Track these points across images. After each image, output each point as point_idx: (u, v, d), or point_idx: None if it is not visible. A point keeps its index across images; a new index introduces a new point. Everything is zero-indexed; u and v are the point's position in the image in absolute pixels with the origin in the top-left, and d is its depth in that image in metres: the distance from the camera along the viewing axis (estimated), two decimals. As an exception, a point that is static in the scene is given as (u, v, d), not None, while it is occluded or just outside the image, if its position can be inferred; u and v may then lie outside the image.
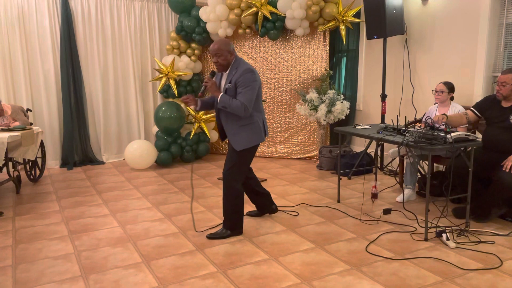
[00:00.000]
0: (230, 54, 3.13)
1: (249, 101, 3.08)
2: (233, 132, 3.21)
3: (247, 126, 3.19)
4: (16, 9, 5.32)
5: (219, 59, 3.11)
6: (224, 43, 3.12)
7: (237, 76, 3.09)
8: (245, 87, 3.06)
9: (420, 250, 3.08)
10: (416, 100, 5.09)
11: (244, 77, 3.07)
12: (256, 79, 3.12)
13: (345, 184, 4.79)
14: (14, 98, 5.46)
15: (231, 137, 3.23)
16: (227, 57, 3.13)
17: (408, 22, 5.06)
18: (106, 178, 5.22)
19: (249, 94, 3.07)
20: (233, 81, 3.10)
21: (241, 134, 3.19)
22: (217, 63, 3.13)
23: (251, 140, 3.21)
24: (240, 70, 3.10)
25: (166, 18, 6.23)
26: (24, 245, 3.24)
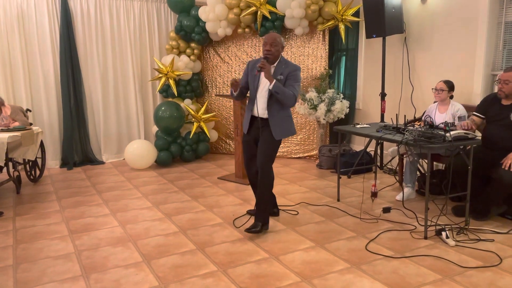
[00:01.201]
0: (282, 48, 3.36)
1: (298, 93, 3.32)
2: (277, 122, 3.35)
3: (289, 118, 3.43)
4: (16, 10, 5.33)
5: (273, 48, 3.28)
6: (280, 37, 3.34)
7: (289, 70, 3.30)
8: (296, 81, 3.32)
9: (419, 248, 3.08)
10: (415, 98, 5.10)
11: (296, 74, 3.32)
12: (300, 76, 3.40)
13: (345, 183, 4.80)
14: (13, 98, 5.46)
15: (274, 126, 3.34)
16: (279, 49, 3.32)
17: (407, 21, 5.06)
18: (106, 178, 5.22)
19: (298, 89, 3.33)
20: (284, 74, 3.29)
21: (284, 124, 3.38)
22: (270, 52, 3.27)
23: (290, 130, 3.44)
24: (292, 66, 3.33)
25: (166, 18, 6.24)
26: (25, 245, 3.25)
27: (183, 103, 5.94)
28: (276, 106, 3.32)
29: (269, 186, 3.41)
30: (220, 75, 6.34)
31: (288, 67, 3.33)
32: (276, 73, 3.31)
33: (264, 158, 3.36)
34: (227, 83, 6.32)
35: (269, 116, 3.36)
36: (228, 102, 6.32)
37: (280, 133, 3.37)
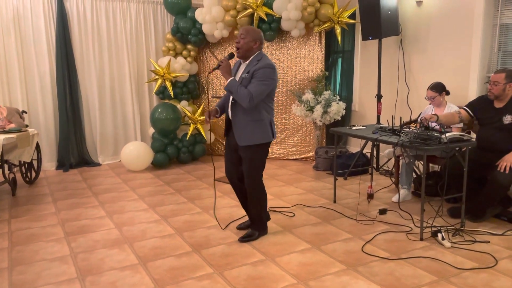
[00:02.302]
0: (254, 42, 3.03)
1: (258, 93, 2.96)
2: (240, 126, 3.10)
3: (255, 123, 3.08)
4: (11, 11, 5.31)
5: (242, 40, 3.01)
6: (254, 30, 3.07)
7: (256, 68, 2.99)
8: (260, 80, 2.97)
9: (415, 250, 3.09)
10: (411, 100, 5.12)
11: (264, 71, 2.98)
12: (274, 78, 3.04)
13: (341, 184, 4.81)
14: (9, 100, 5.44)
15: (237, 131, 3.12)
16: (250, 43, 3.02)
17: (403, 23, 5.08)
18: (103, 179, 5.21)
19: (261, 87, 2.97)
20: (251, 71, 3.00)
21: (247, 129, 3.09)
22: (238, 44, 3.03)
23: (257, 137, 3.10)
24: (262, 63, 3.00)
25: (162, 20, 6.23)
26: (20, 247, 3.23)
27: (179, 105, 5.93)
28: (241, 108, 3.06)
29: (260, 202, 3.32)
30: (216, 77, 6.34)
31: (259, 64, 3.00)
32: (244, 71, 3.06)
33: (249, 180, 3.20)
34: (223, 85, 6.31)
35: (232, 119, 3.15)
36: (225, 104, 6.31)
37: (244, 139, 3.10)
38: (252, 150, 3.13)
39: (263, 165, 3.27)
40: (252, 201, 3.30)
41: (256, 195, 3.28)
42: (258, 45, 3.06)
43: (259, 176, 3.25)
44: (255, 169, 3.20)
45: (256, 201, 3.30)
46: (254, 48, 3.05)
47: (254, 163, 3.19)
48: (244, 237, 3.29)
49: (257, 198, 3.30)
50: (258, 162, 3.21)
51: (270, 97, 3.14)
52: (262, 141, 3.13)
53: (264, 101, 3.09)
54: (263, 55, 3.10)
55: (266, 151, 3.24)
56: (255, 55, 3.07)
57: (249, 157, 3.15)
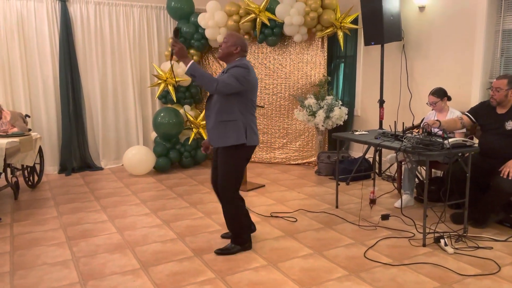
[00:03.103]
0: (236, 47, 2.98)
1: (225, 83, 2.83)
2: (212, 126, 3.01)
3: (227, 123, 2.96)
4: (15, 15, 5.34)
5: (224, 44, 3.00)
6: (238, 36, 3.04)
7: (231, 67, 2.95)
8: (232, 74, 2.87)
9: (418, 256, 3.08)
10: (413, 105, 5.11)
11: (237, 69, 2.90)
12: (246, 78, 2.91)
13: (344, 189, 4.80)
14: (12, 104, 5.46)
15: (209, 132, 3.06)
16: (231, 48, 2.98)
17: (405, 28, 5.09)
18: (105, 184, 5.21)
19: (230, 80, 2.85)
20: (225, 70, 2.97)
21: (219, 129, 2.98)
22: (220, 47, 3.04)
23: (229, 138, 2.96)
24: (237, 63, 2.95)
25: (165, 24, 6.26)
26: (22, 251, 3.23)
27: (182, 109, 5.94)
28: (214, 108, 2.98)
29: (235, 219, 3.14)
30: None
31: (234, 64, 2.96)
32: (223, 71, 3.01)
33: (222, 184, 3.06)
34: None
35: (206, 120, 3.07)
36: (227, 109, 6.32)
37: (215, 139, 3.02)
38: (225, 153, 3.02)
39: (238, 175, 3.07)
40: (226, 216, 3.16)
41: (229, 210, 3.12)
42: (239, 50, 3.01)
43: (232, 188, 3.07)
44: (227, 177, 3.03)
45: (231, 218, 3.14)
46: (234, 53, 3.00)
47: (227, 170, 3.02)
48: (222, 249, 3.16)
49: (231, 214, 3.13)
50: (232, 169, 3.03)
51: (247, 100, 3.00)
52: (234, 142, 2.96)
53: (237, 103, 2.96)
54: (245, 60, 3.02)
55: (242, 158, 3.06)
56: (235, 60, 3.01)
57: (221, 161, 3.04)
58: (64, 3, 5.54)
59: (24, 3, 5.38)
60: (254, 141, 3.07)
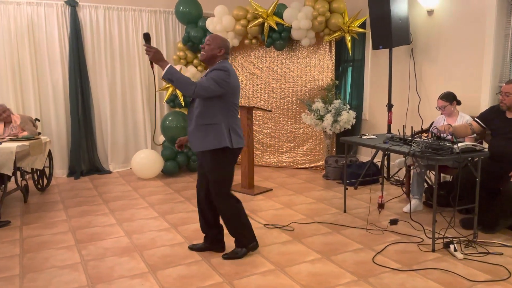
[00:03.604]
0: (219, 50, 2.96)
1: (204, 86, 2.79)
2: (193, 131, 2.97)
3: (209, 127, 2.91)
4: (26, 20, 5.41)
5: (207, 46, 2.96)
6: (221, 38, 3.01)
7: (210, 70, 2.92)
8: (211, 78, 2.83)
9: (427, 261, 3.05)
10: (422, 110, 5.09)
11: (216, 72, 2.86)
12: (226, 80, 2.86)
13: (352, 194, 4.78)
14: (22, 108, 5.52)
15: (190, 136, 3.01)
16: (214, 50, 2.95)
17: (413, 32, 5.07)
18: (113, 187, 5.24)
19: (209, 83, 2.81)
20: (206, 73, 2.93)
21: (199, 133, 2.93)
22: (203, 49, 2.99)
23: (209, 142, 2.91)
24: (218, 66, 2.91)
25: (173, 29, 6.30)
26: (31, 254, 3.26)
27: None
28: (195, 111, 2.95)
29: (234, 219, 3.10)
30: (227, 86, 6.36)
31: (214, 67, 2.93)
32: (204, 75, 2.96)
33: (214, 190, 3.01)
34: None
35: (188, 125, 3.04)
36: (235, 112, 6.33)
37: (195, 144, 2.97)
38: (210, 158, 2.96)
39: (228, 176, 3.03)
40: (224, 219, 3.11)
41: (226, 212, 3.08)
42: (222, 53, 2.98)
43: (224, 190, 3.03)
44: (217, 182, 2.99)
45: (228, 219, 3.10)
46: (218, 55, 2.98)
47: (215, 175, 2.98)
48: (229, 254, 3.14)
49: (229, 215, 3.09)
50: (221, 173, 2.99)
51: (229, 103, 2.96)
52: (216, 146, 2.91)
53: (219, 106, 2.92)
54: (226, 63, 2.98)
55: (228, 160, 3.01)
56: (218, 62, 2.98)
57: (209, 167, 3.00)
58: (74, 8, 5.60)
59: (34, 8, 5.45)
60: (239, 143, 3.02)
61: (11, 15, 5.33)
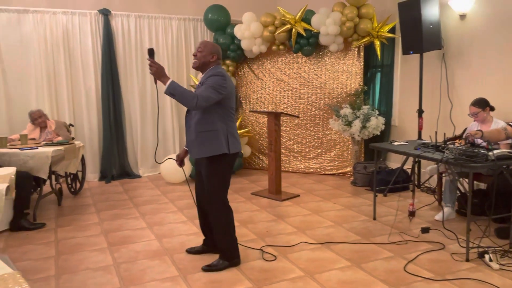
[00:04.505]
0: (212, 56, 2.97)
1: (205, 96, 2.79)
2: (190, 138, 2.99)
3: (207, 133, 2.92)
4: (61, 29, 5.60)
5: (199, 53, 2.97)
6: (212, 44, 3.03)
7: (206, 77, 2.93)
8: (209, 85, 2.84)
9: (461, 271, 2.98)
10: (454, 116, 4.97)
11: (213, 78, 2.87)
12: (224, 85, 2.88)
13: (381, 201, 4.71)
14: (57, 113, 5.71)
15: (189, 144, 3.03)
16: (207, 56, 2.96)
17: (445, 37, 4.98)
18: (143, 191, 5.34)
19: (208, 91, 2.81)
20: (202, 81, 2.95)
21: (198, 140, 2.94)
22: (195, 57, 3.00)
23: (208, 149, 2.92)
24: (213, 71, 2.93)
25: (202, 36, 6.40)
26: (66, 256, 3.35)
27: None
28: (194, 118, 2.96)
29: (224, 229, 3.05)
30: (254, 91, 6.41)
31: (209, 73, 2.94)
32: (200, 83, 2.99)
33: (210, 196, 3.00)
34: (260, 99, 6.39)
35: (186, 132, 3.05)
36: (262, 118, 6.37)
37: (195, 151, 2.97)
38: (209, 165, 2.97)
39: (225, 183, 3.03)
40: (215, 227, 3.07)
41: (218, 220, 3.04)
42: (215, 59, 3.00)
43: (220, 197, 3.03)
44: (214, 188, 2.99)
45: (220, 227, 3.05)
46: (211, 61, 2.99)
47: (213, 181, 2.98)
48: (209, 266, 3.06)
49: (223, 224, 3.05)
50: (217, 179, 2.99)
51: (226, 107, 2.97)
52: (214, 153, 2.92)
53: (217, 112, 2.93)
54: (220, 68, 3.01)
55: (225, 166, 3.01)
56: (211, 68, 2.99)
57: (206, 173, 3.00)
58: (107, 16, 5.76)
59: (69, 17, 5.64)
60: (237, 148, 3.02)
61: (47, 24, 5.53)
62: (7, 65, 5.42)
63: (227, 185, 3.06)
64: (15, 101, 5.49)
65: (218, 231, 3.07)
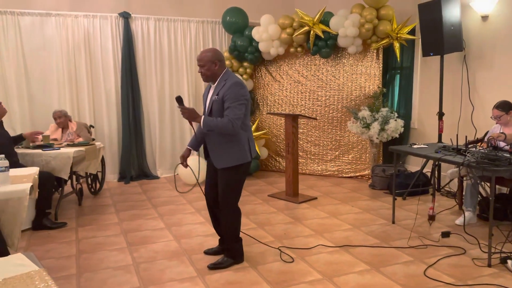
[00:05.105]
0: (215, 64, 2.96)
1: (238, 116, 2.86)
2: (215, 149, 3.02)
3: (231, 144, 2.97)
4: (83, 32, 5.71)
5: (203, 69, 2.97)
6: (206, 53, 2.98)
7: (225, 89, 2.91)
8: (234, 101, 2.87)
9: (483, 277, 2.92)
10: (476, 118, 4.89)
11: (233, 91, 2.88)
12: (245, 94, 2.93)
13: (400, 204, 4.65)
14: (78, 114, 5.81)
15: (213, 154, 3.04)
16: (211, 67, 2.96)
17: (466, 38, 4.90)
18: (161, 192, 5.39)
19: (238, 109, 2.87)
20: (220, 94, 2.92)
21: (223, 150, 2.99)
22: (201, 73, 3.01)
23: (233, 159, 2.98)
24: (229, 83, 2.92)
25: (220, 38, 6.44)
26: (86, 255, 3.41)
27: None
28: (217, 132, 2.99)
29: (233, 226, 3.14)
30: (271, 94, 6.42)
31: (226, 85, 2.92)
32: (214, 93, 2.98)
33: (223, 203, 3.06)
34: (278, 101, 6.39)
35: (208, 145, 3.07)
36: (279, 120, 6.37)
37: (221, 161, 3.00)
38: (230, 172, 3.00)
39: (240, 188, 3.11)
40: (225, 227, 3.14)
41: (229, 219, 3.12)
42: (219, 65, 2.98)
43: (235, 200, 3.10)
44: (231, 192, 3.05)
45: (230, 225, 3.13)
46: (216, 69, 2.98)
47: (231, 186, 3.04)
48: (214, 264, 3.12)
49: (231, 226, 3.13)
50: (235, 184, 3.06)
51: (245, 115, 3.00)
52: (239, 162, 2.98)
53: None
54: (229, 73, 3.02)
55: (244, 173, 3.09)
56: (221, 75, 3.00)
57: (225, 179, 3.03)
58: (127, 19, 5.85)
59: (90, 21, 5.74)
60: (255, 152, 3.13)
61: (69, 27, 5.64)
62: (30, 67, 5.55)
63: (241, 189, 3.14)
64: (37, 102, 5.62)
65: (227, 232, 3.16)
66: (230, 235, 3.17)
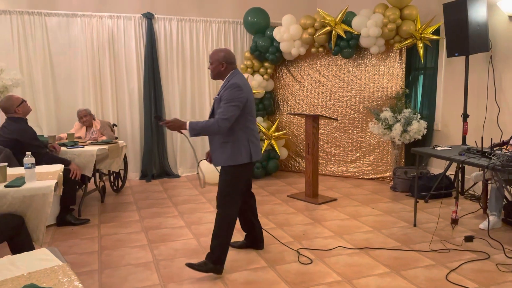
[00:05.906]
0: (221, 65, 3.01)
1: (225, 117, 2.87)
2: (213, 148, 3.08)
3: (227, 144, 2.99)
4: (107, 33, 5.82)
5: (211, 66, 3.06)
6: (218, 53, 3.04)
7: (223, 87, 2.99)
8: (226, 102, 2.90)
9: (507, 283, 2.85)
10: (502, 120, 4.77)
11: (228, 92, 2.91)
12: (240, 96, 2.92)
13: (422, 207, 4.58)
14: (102, 113, 5.92)
15: (212, 153, 3.11)
16: (217, 67, 3.02)
17: (493, 38, 4.78)
18: (181, 191, 5.45)
19: (229, 110, 2.88)
20: (220, 94, 2.99)
21: (220, 150, 3.02)
22: (210, 69, 3.09)
23: (225, 159, 3.00)
24: (228, 83, 2.96)
25: (241, 39, 6.46)
26: (108, 251, 3.47)
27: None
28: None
29: (222, 224, 3.03)
30: (292, 94, 6.41)
31: (227, 85, 2.97)
32: (217, 93, 3.05)
33: (219, 197, 3.06)
34: (298, 102, 6.37)
35: (209, 143, 3.14)
36: (299, 120, 6.35)
37: (218, 160, 3.05)
38: (226, 172, 3.03)
39: (233, 192, 3.04)
40: (215, 226, 3.06)
41: (218, 223, 3.04)
42: (225, 66, 3.02)
43: (229, 204, 3.04)
44: (224, 192, 3.04)
45: (219, 229, 3.03)
46: (222, 70, 3.03)
47: (225, 186, 3.04)
48: (193, 264, 3.00)
49: (218, 227, 3.04)
50: (227, 187, 3.03)
51: (244, 114, 2.99)
52: (231, 163, 2.98)
53: (237, 120, 2.94)
54: (235, 75, 3.03)
55: (238, 177, 3.05)
56: (228, 75, 3.04)
57: (220, 179, 3.06)
58: (150, 20, 5.93)
59: (115, 21, 5.85)
60: (258, 155, 3.08)
61: (94, 28, 5.76)
62: (56, 67, 5.69)
63: (237, 193, 3.08)
64: (63, 101, 5.76)
65: (216, 231, 3.05)
66: (219, 235, 3.02)
